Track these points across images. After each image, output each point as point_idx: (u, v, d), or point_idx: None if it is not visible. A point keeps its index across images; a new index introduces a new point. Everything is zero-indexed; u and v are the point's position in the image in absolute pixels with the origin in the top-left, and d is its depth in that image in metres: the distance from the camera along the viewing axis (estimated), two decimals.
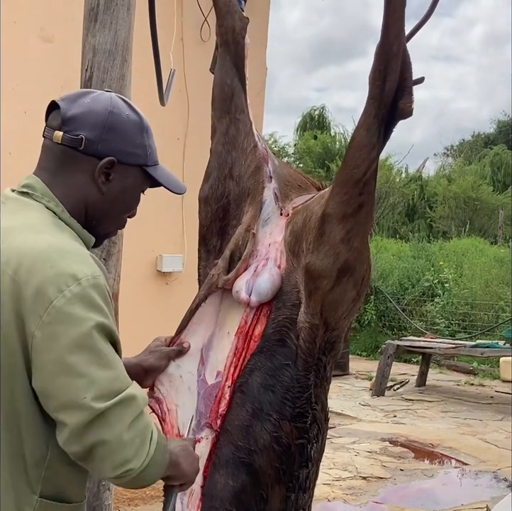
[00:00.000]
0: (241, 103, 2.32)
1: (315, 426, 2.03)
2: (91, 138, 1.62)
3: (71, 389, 1.46)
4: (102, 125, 1.62)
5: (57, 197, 1.63)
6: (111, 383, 1.51)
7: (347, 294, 2.00)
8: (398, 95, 1.89)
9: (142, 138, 1.69)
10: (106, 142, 1.63)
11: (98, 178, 1.63)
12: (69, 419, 1.48)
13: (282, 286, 2.06)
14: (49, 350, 1.46)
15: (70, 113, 1.63)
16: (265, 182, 2.25)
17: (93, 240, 1.68)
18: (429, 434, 7.77)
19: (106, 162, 1.63)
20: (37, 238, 1.53)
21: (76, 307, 1.46)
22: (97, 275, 1.53)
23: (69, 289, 1.46)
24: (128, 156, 1.66)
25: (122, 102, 1.70)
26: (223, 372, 2.06)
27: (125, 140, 1.65)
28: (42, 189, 1.63)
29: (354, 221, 1.94)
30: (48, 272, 1.47)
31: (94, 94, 1.70)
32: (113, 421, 1.49)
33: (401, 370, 11.67)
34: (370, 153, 1.91)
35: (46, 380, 1.48)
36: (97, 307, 1.50)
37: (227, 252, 2.19)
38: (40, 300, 1.46)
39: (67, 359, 1.45)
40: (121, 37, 2.60)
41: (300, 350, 2.00)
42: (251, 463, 1.97)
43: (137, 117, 1.69)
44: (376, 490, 5.97)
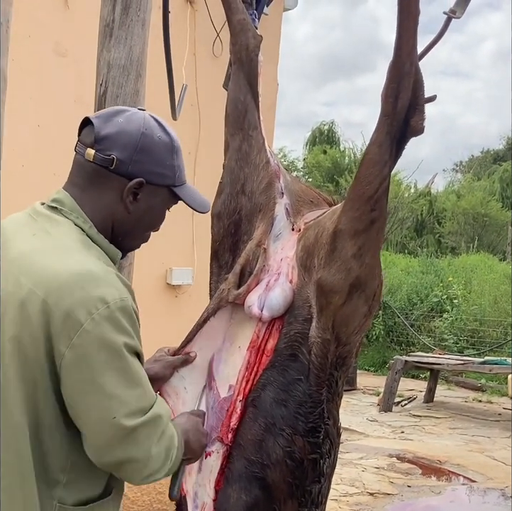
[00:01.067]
0: (254, 120, 2.34)
1: (327, 441, 2.03)
2: (122, 159, 1.64)
3: (102, 409, 1.52)
4: (134, 147, 1.65)
5: (85, 213, 1.66)
6: (140, 402, 1.58)
7: (358, 310, 2.02)
8: (410, 113, 1.90)
9: (172, 159, 1.71)
10: (136, 163, 1.65)
11: (126, 198, 1.67)
12: (98, 436, 1.55)
13: (294, 301, 2.08)
14: (80, 370, 1.51)
15: (103, 133, 1.66)
16: (277, 198, 2.26)
17: (120, 255, 1.72)
18: (437, 451, 7.74)
19: (135, 183, 1.66)
20: (67, 260, 1.56)
21: (105, 330, 1.51)
22: (124, 296, 1.57)
23: (98, 312, 1.51)
24: (157, 177, 1.69)
25: (154, 122, 1.72)
26: (234, 386, 2.07)
27: (155, 162, 1.68)
28: (70, 205, 1.66)
29: (365, 237, 1.95)
30: (78, 295, 1.51)
31: (128, 113, 1.72)
32: (142, 439, 1.57)
33: (408, 385, 11.63)
34: (382, 170, 1.93)
35: (76, 399, 1.54)
36: (124, 329, 1.55)
37: (238, 267, 2.21)
38: (70, 322, 1.50)
39: (96, 380, 1.51)
40: (136, 52, 2.62)
41: (312, 365, 2.00)
42: (264, 478, 1.97)
43: (168, 138, 1.71)
44: (383, 506, 5.94)
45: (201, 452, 1.90)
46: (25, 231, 1.64)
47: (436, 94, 1.93)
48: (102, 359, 1.51)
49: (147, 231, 1.81)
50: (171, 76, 3.10)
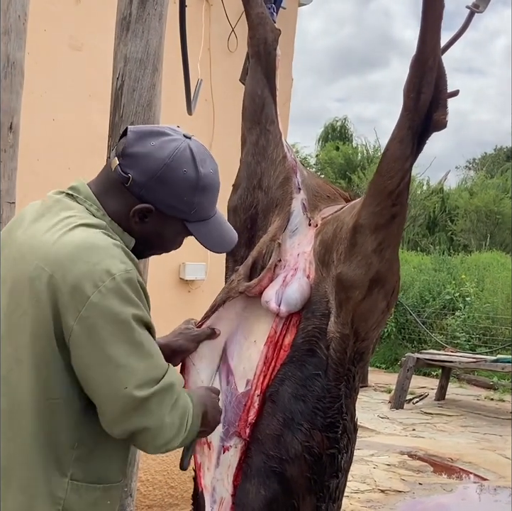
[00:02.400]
0: (271, 114, 2.34)
1: (345, 436, 2.03)
2: (137, 181, 1.64)
3: (113, 380, 1.53)
4: (152, 174, 1.64)
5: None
6: (150, 372, 1.58)
7: (377, 305, 2.01)
8: (432, 107, 1.89)
9: (192, 195, 1.68)
10: (150, 190, 1.64)
11: (132, 217, 1.66)
12: (111, 407, 1.56)
13: (311, 296, 2.07)
14: (89, 343, 1.52)
15: (131, 150, 1.65)
16: (294, 193, 2.25)
17: (134, 242, 1.70)
18: (448, 449, 7.72)
19: (143, 208, 1.65)
20: (72, 235, 1.57)
21: (113, 302, 1.52)
22: (129, 269, 1.58)
23: (104, 284, 1.52)
24: (169, 208, 1.67)
25: (188, 155, 1.67)
26: (252, 381, 2.07)
27: (170, 194, 1.66)
28: (86, 193, 1.68)
29: (386, 232, 1.95)
30: (83, 268, 1.52)
31: (166, 138, 1.68)
32: (154, 409, 1.58)
33: (420, 383, 11.60)
34: (404, 165, 1.92)
35: (87, 371, 1.55)
36: (131, 301, 1.56)
37: (250, 259, 2.21)
38: (77, 295, 1.51)
39: (106, 351, 1.52)
40: (153, 46, 2.61)
41: (331, 360, 2.00)
42: (282, 473, 1.97)
43: (194, 175, 1.67)
44: (394, 503, 5.93)
45: (214, 427, 1.90)
46: (35, 214, 1.67)
47: (459, 89, 1.92)
48: (110, 330, 1.52)
49: (155, 252, 1.81)
50: (187, 71, 3.09)
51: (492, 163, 31.59)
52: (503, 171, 28.58)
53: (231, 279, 2.19)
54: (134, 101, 2.58)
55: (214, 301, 2.19)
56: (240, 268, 2.19)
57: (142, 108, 2.59)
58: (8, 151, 2.47)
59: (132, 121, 2.52)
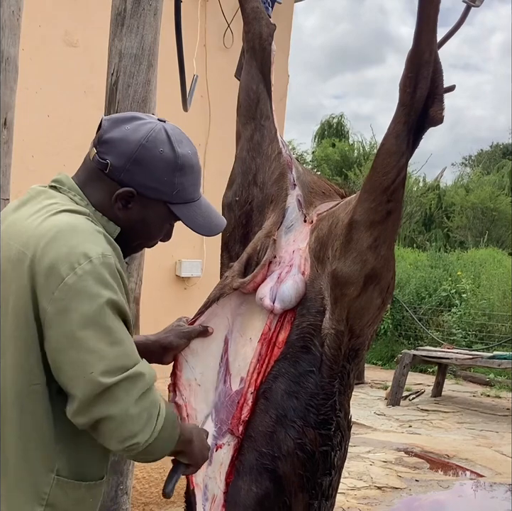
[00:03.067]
0: (266, 109, 2.33)
1: (338, 434, 2.02)
2: (116, 165, 1.64)
3: (80, 364, 1.50)
4: (129, 157, 1.63)
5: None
6: (119, 359, 1.54)
7: (373, 302, 2.00)
8: (428, 102, 1.88)
9: (172, 175, 1.67)
10: (129, 173, 1.64)
11: (115, 203, 1.66)
12: (77, 392, 1.52)
13: (306, 292, 2.06)
14: (60, 325, 1.50)
15: (106, 136, 1.66)
16: (289, 189, 2.25)
17: (118, 230, 1.69)
18: (444, 445, 7.71)
19: (124, 191, 1.64)
20: (53, 219, 1.57)
21: (88, 284, 1.50)
22: (108, 254, 1.56)
23: (81, 266, 1.50)
24: (150, 190, 1.66)
25: (164, 136, 1.68)
26: (245, 378, 2.06)
27: (149, 175, 1.65)
28: (69, 184, 1.67)
29: (381, 229, 1.94)
30: (61, 250, 1.51)
31: (139, 121, 1.69)
32: (120, 397, 1.53)
33: (416, 380, 11.61)
34: (399, 160, 1.91)
35: (56, 353, 1.52)
36: (108, 285, 1.53)
37: (245, 255, 2.20)
38: (52, 277, 1.50)
39: (76, 334, 1.49)
40: (147, 42, 2.60)
41: (325, 357, 1.99)
42: (275, 470, 1.96)
43: (172, 154, 1.67)
44: (391, 500, 5.92)
45: (202, 463, 1.85)
46: (17, 203, 1.68)
47: (455, 84, 1.91)
48: (82, 313, 1.49)
49: (144, 240, 1.78)
50: (182, 66, 3.08)
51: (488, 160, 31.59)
52: (499, 168, 28.58)
53: (225, 276, 2.19)
54: (129, 96, 2.58)
55: (208, 298, 2.18)
56: (235, 264, 2.18)
57: (137, 104, 2.58)
58: (3, 147, 2.46)
59: None
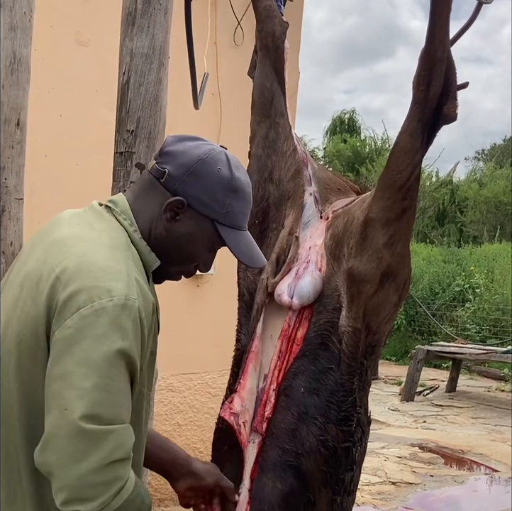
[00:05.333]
0: (281, 106, 2.34)
1: (359, 430, 2.04)
2: (173, 175, 1.64)
3: (58, 397, 1.41)
4: (187, 168, 1.64)
5: (134, 218, 1.67)
6: (104, 407, 1.42)
7: (389, 299, 2.01)
8: (442, 100, 1.89)
9: (225, 195, 1.66)
10: (184, 183, 1.64)
11: (164, 213, 1.65)
12: (46, 423, 1.44)
13: (323, 289, 2.07)
14: (60, 352, 1.44)
15: (168, 149, 1.68)
16: (305, 185, 2.25)
17: (158, 263, 1.67)
18: (459, 440, 7.71)
19: (175, 201, 1.64)
20: (95, 251, 1.54)
21: (101, 322, 1.43)
22: (133, 297, 1.49)
23: (100, 302, 1.44)
24: (201, 204, 1.65)
25: (223, 157, 1.69)
26: (267, 375, 2.07)
27: (203, 189, 1.65)
28: (123, 207, 1.67)
29: (397, 226, 1.95)
30: (87, 281, 1.47)
31: (202, 142, 1.71)
32: (86, 451, 1.39)
33: (430, 375, 11.60)
34: (413, 158, 1.92)
35: (47, 377, 1.46)
36: (123, 330, 1.45)
37: (274, 255, 2.20)
38: (69, 304, 1.45)
39: (69, 367, 1.42)
40: (158, 41, 2.60)
41: (343, 355, 2.00)
42: (298, 466, 1.97)
43: (229, 174, 1.67)
44: (405, 495, 5.93)
45: (211, 484, 1.82)
46: (72, 220, 1.66)
47: (468, 81, 1.91)
48: (84, 349, 1.41)
49: (184, 261, 1.74)
50: (193, 65, 3.08)
51: (501, 154, 31.44)
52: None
53: (262, 279, 2.19)
54: (140, 95, 2.58)
55: (254, 305, 2.16)
56: (267, 265, 2.17)
57: (149, 103, 2.59)
58: (16, 147, 2.47)
59: (138, 115, 2.52)
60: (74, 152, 4.43)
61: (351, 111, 29.56)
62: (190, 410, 5.13)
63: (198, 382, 5.16)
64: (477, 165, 32.05)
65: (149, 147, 2.53)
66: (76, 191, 4.26)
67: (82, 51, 4.52)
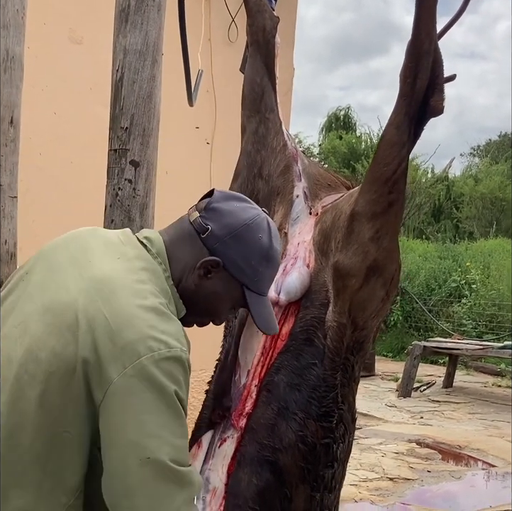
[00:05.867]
0: (271, 102, 2.33)
1: (341, 426, 2.02)
2: (215, 233, 1.64)
3: (132, 447, 1.45)
4: (231, 230, 1.65)
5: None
6: (182, 452, 1.51)
7: (375, 294, 2.00)
8: (429, 93, 1.88)
9: (259, 263, 1.68)
10: (224, 245, 1.65)
11: (198, 269, 1.65)
12: (123, 469, 1.47)
13: (311, 285, 2.06)
14: (129, 401, 1.46)
15: (216, 205, 1.68)
16: (295, 181, 2.25)
17: (184, 311, 1.69)
18: (456, 436, 7.71)
19: (212, 260, 1.64)
20: (142, 295, 1.55)
21: (161, 372, 1.47)
22: (185, 349, 1.54)
23: (159, 353, 1.48)
24: (236, 268, 1.66)
25: (265, 226, 1.70)
26: (250, 371, 2.06)
27: (242, 254, 1.66)
28: (159, 248, 1.67)
29: (383, 220, 1.93)
30: (143, 333, 1.49)
31: (249, 205, 1.72)
32: (171, 494, 1.48)
33: (427, 371, 11.61)
34: (400, 151, 1.90)
35: (112, 427, 1.48)
36: (176, 380, 1.51)
37: None
38: (128, 352, 1.47)
39: (140, 415, 1.46)
40: (152, 37, 2.60)
41: (327, 350, 1.99)
42: (275, 462, 1.96)
43: (268, 244, 1.69)
44: (403, 491, 5.93)
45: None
46: (110, 252, 1.65)
47: (456, 74, 1.90)
48: (152, 396, 1.46)
49: (204, 315, 1.77)
50: (187, 62, 3.08)
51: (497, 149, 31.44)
52: (507, 157, 28.46)
53: None
54: (134, 92, 2.58)
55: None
56: None
57: (143, 100, 2.59)
58: (9, 145, 2.46)
59: (132, 113, 2.52)
60: (68, 150, 4.43)
61: (346, 107, 29.54)
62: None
63: (195, 379, 5.16)
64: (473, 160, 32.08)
65: (143, 145, 2.53)
66: (70, 189, 4.27)
67: (76, 49, 4.52)
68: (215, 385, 2.14)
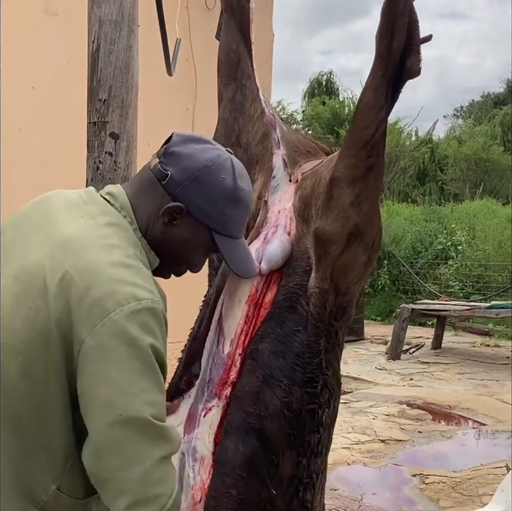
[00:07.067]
0: (247, 68, 2.29)
1: (326, 392, 2.01)
2: (175, 179, 1.61)
3: (109, 405, 1.45)
4: (191, 173, 1.61)
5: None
6: (157, 407, 1.49)
7: (357, 259, 1.98)
8: (405, 54, 1.85)
9: (226, 206, 1.65)
10: (185, 189, 1.61)
11: (161, 217, 1.63)
12: (97, 429, 1.47)
13: (292, 252, 2.04)
14: (99, 360, 1.45)
15: (174, 149, 1.64)
16: (274, 149, 2.22)
17: (158, 262, 1.67)
18: (446, 396, 7.80)
19: (175, 206, 1.61)
20: (108, 251, 1.53)
21: (132, 325, 1.45)
22: (157, 300, 1.52)
23: (129, 306, 1.46)
24: (200, 212, 1.63)
25: (229, 166, 1.66)
26: (233, 340, 2.05)
27: (205, 198, 1.62)
28: (122, 202, 1.64)
29: (363, 185, 1.91)
30: (111, 288, 1.47)
31: (209, 145, 1.68)
32: (146, 451, 1.47)
33: (416, 333, 11.70)
34: (378, 114, 1.87)
35: (87, 389, 1.47)
36: (151, 332, 1.48)
37: None
38: (97, 310, 1.45)
39: (112, 373, 1.44)
40: (127, 7, 2.57)
41: (310, 316, 1.98)
42: (261, 429, 1.95)
43: (232, 184, 1.65)
44: (395, 452, 6.01)
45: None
46: (73, 213, 1.62)
47: (431, 34, 1.88)
48: (124, 353, 1.44)
49: (176, 263, 1.74)
50: (164, 31, 3.05)
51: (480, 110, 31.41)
52: (490, 117, 28.45)
53: None
54: (111, 63, 2.55)
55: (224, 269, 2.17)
56: None
57: (120, 71, 2.56)
58: None
59: (110, 84, 2.50)
60: (48, 124, 4.40)
61: (328, 72, 29.38)
62: None
63: None
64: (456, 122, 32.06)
65: (122, 116, 2.51)
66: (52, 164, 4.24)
67: (52, 20, 4.47)
68: (186, 353, 2.14)
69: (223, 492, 1.96)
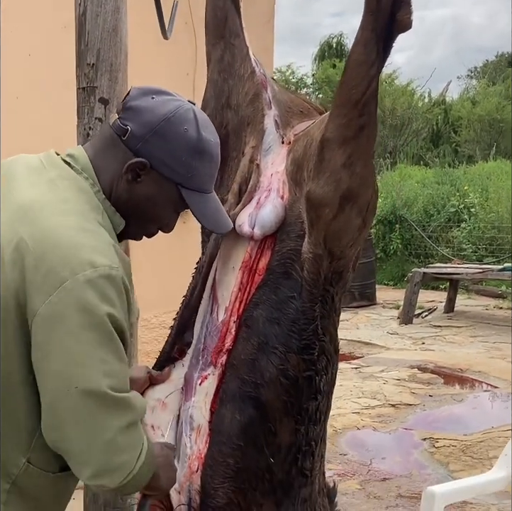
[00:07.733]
0: (236, 27, 2.22)
1: (323, 358, 1.98)
2: (135, 134, 1.56)
3: (64, 376, 1.43)
4: (151, 127, 1.56)
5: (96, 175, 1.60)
6: (119, 377, 1.48)
7: (351, 222, 1.92)
8: (395, 7, 1.77)
9: (191, 158, 1.59)
10: (147, 144, 1.56)
11: (125, 174, 1.58)
12: (53, 401, 1.46)
13: (286, 217, 2.00)
14: (53, 330, 1.42)
15: (132, 103, 1.59)
16: (265, 109, 2.15)
17: (123, 224, 1.62)
18: (458, 359, 7.78)
19: (137, 162, 1.57)
20: (66, 217, 1.49)
21: (88, 294, 1.42)
22: (115, 266, 1.48)
23: (84, 274, 1.42)
24: (164, 167, 1.58)
25: (191, 117, 1.60)
26: (228, 307, 2.02)
27: (168, 151, 1.57)
28: (83, 163, 1.60)
29: (355, 145, 1.84)
30: (66, 254, 1.43)
31: (169, 97, 1.62)
32: (108, 420, 1.46)
33: (428, 297, 11.67)
34: (369, 71, 1.80)
35: (42, 358, 1.44)
36: (109, 300, 1.45)
37: (235, 186, 2.12)
38: (51, 279, 1.41)
39: (66, 342, 1.41)
40: None
41: (305, 282, 1.94)
42: (258, 397, 1.93)
43: (195, 135, 1.59)
44: (405, 416, 6.00)
45: (169, 489, 1.81)
46: (32, 179, 1.58)
47: None
48: (78, 322, 1.41)
49: (146, 223, 1.68)
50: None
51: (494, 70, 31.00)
52: (504, 78, 28.09)
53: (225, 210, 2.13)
54: (98, 26, 2.48)
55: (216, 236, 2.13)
56: (229, 197, 2.10)
57: (108, 34, 2.49)
58: None
59: (98, 47, 2.43)
60: (46, 92, 4.35)
61: (339, 34, 29.04)
62: None
63: None
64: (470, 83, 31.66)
65: (111, 81, 2.45)
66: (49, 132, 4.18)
67: None
68: (178, 321, 2.11)
69: (220, 462, 1.96)
